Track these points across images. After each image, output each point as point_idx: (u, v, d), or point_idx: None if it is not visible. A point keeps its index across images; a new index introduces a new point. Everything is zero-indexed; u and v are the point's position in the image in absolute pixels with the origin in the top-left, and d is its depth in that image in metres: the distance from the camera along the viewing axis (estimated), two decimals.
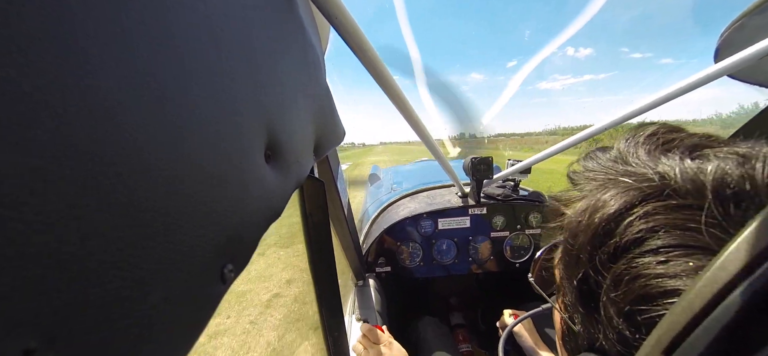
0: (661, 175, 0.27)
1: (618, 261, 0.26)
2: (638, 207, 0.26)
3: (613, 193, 0.28)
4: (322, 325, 0.86)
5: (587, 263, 0.29)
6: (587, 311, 0.30)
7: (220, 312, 2.80)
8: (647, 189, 0.27)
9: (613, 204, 0.28)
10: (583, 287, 0.30)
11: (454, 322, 1.53)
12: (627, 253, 0.26)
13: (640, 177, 0.28)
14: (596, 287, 0.28)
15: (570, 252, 0.31)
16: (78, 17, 0.14)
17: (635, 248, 0.25)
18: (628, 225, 0.26)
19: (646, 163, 0.29)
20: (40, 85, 0.12)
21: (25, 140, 0.12)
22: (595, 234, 0.28)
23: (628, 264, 0.25)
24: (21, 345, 0.12)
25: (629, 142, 0.32)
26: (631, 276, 0.25)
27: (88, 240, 0.14)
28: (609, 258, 0.27)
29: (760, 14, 0.58)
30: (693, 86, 0.67)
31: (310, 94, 0.46)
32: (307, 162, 0.44)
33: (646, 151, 0.30)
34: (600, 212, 0.28)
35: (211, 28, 0.24)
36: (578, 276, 0.30)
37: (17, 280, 0.12)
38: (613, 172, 0.31)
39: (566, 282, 0.33)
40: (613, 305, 0.26)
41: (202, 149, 0.22)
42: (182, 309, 0.20)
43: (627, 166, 0.30)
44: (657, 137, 0.31)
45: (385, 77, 0.59)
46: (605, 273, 0.27)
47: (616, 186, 0.29)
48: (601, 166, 0.33)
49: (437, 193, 1.55)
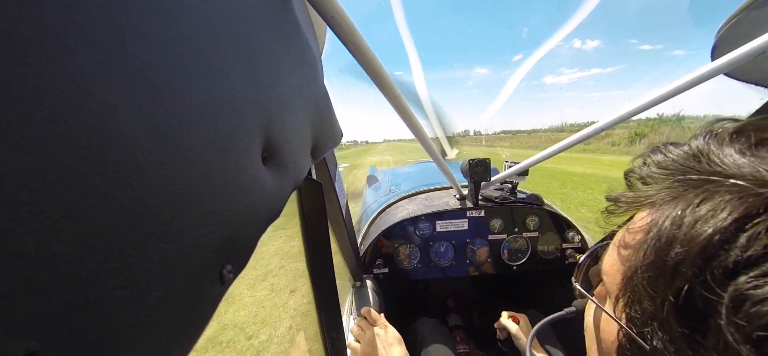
0: None
1: (739, 278, 0.23)
2: (762, 216, 0.23)
3: (723, 200, 0.25)
4: (320, 326, 0.86)
5: (693, 278, 0.26)
6: (685, 331, 0.26)
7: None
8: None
9: (728, 213, 0.25)
10: (684, 303, 0.26)
11: (451, 324, 1.53)
12: (752, 269, 0.23)
13: (755, 181, 0.25)
14: (705, 306, 0.25)
15: (662, 263, 0.28)
16: (76, 18, 0.14)
17: (762, 265, 0.23)
18: (752, 237, 0.23)
19: (756, 165, 0.26)
20: (38, 85, 0.12)
21: (25, 141, 0.12)
22: (706, 245, 0.25)
23: (754, 282, 0.22)
24: (22, 345, 0.12)
25: (709, 139, 0.29)
26: (758, 296, 0.22)
27: (87, 240, 0.14)
28: (726, 274, 0.24)
29: (756, 9, 0.58)
30: (689, 85, 0.67)
31: (308, 95, 0.46)
32: (305, 163, 0.44)
33: (738, 151, 0.27)
34: (711, 220, 0.25)
35: (208, 29, 0.24)
36: (678, 290, 0.27)
37: (18, 281, 0.12)
38: (698, 171, 0.28)
39: (648, 293, 0.29)
40: (736, 328, 0.23)
41: (200, 150, 0.22)
42: (181, 309, 0.20)
43: (714, 165, 0.27)
44: (748, 134, 0.28)
45: (382, 77, 0.59)
46: (722, 290, 0.24)
47: (719, 191, 0.26)
48: (677, 163, 0.30)
49: (435, 195, 1.55)
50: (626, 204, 0.33)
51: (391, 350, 0.87)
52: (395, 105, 0.67)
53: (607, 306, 0.36)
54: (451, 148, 2.09)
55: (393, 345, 0.88)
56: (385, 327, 0.92)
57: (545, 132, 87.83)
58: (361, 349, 0.90)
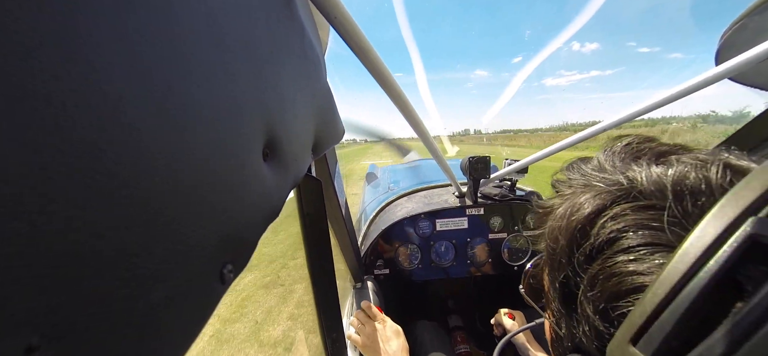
0: (630, 179, 0.28)
1: (594, 262, 0.28)
2: (609, 209, 0.28)
3: (588, 197, 0.30)
4: (320, 327, 0.86)
5: (567, 265, 0.30)
6: (568, 311, 0.31)
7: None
8: (617, 192, 0.28)
9: (588, 207, 0.29)
10: (565, 289, 0.31)
11: (452, 324, 1.53)
12: (601, 254, 0.27)
13: (611, 181, 0.30)
14: (575, 288, 0.30)
15: (553, 256, 0.33)
16: (82, 16, 0.14)
17: (608, 248, 0.27)
18: (601, 226, 0.28)
19: (618, 169, 0.31)
20: (43, 83, 0.12)
21: (29, 138, 0.12)
22: (572, 236, 0.30)
23: (602, 264, 0.27)
24: (23, 342, 0.12)
25: (607, 152, 0.34)
26: (605, 275, 0.27)
27: (90, 238, 0.14)
28: (585, 259, 0.29)
29: (760, 14, 0.58)
30: (694, 89, 0.67)
31: (310, 93, 0.46)
32: (305, 160, 0.44)
33: (620, 159, 0.32)
34: (576, 215, 0.30)
35: (212, 27, 0.23)
36: (560, 278, 0.32)
37: (20, 278, 0.12)
38: (590, 178, 0.32)
39: (550, 286, 0.34)
40: (590, 304, 0.28)
41: (202, 148, 0.21)
42: (182, 308, 0.20)
43: (604, 173, 0.32)
44: (631, 146, 0.33)
45: (384, 76, 0.59)
46: (582, 274, 0.29)
47: (590, 190, 0.31)
48: (582, 173, 0.34)
49: (434, 193, 1.55)
50: (543, 209, 0.37)
51: (390, 344, 0.89)
52: (398, 103, 0.67)
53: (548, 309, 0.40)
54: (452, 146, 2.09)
55: (391, 339, 0.89)
56: (383, 321, 0.93)
57: (545, 131, 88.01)
58: (361, 342, 0.91)
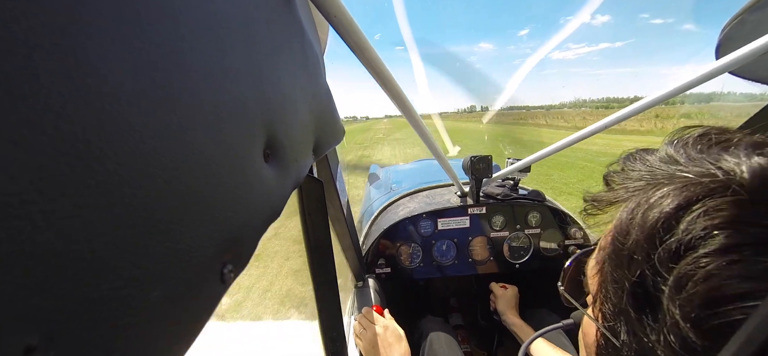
0: (726, 171, 0.25)
1: (681, 260, 0.25)
2: (700, 202, 0.25)
3: (671, 189, 0.27)
4: (321, 326, 0.86)
5: (644, 262, 0.27)
6: (641, 315, 0.28)
7: None
8: (711, 185, 0.25)
9: (673, 199, 0.26)
10: (638, 289, 0.28)
11: (453, 323, 1.53)
12: (692, 251, 0.24)
13: (700, 173, 0.26)
14: (654, 289, 0.26)
15: (620, 252, 0.30)
16: (83, 16, 0.14)
17: (701, 246, 0.24)
18: (692, 221, 0.25)
19: (704, 160, 0.27)
20: (44, 83, 0.12)
21: (30, 139, 0.12)
22: (653, 231, 0.27)
23: (694, 263, 0.24)
24: (22, 342, 0.12)
25: (677, 143, 0.31)
26: (699, 275, 0.23)
27: (90, 238, 0.14)
28: (670, 256, 0.25)
29: (760, 9, 0.58)
30: (694, 83, 0.67)
31: (310, 93, 0.46)
32: (306, 161, 0.44)
33: (698, 151, 0.29)
34: (657, 208, 0.27)
35: (212, 27, 0.23)
36: (632, 277, 0.28)
37: (20, 278, 0.12)
38: (664, 171, 0.29)
39: (612, 286, 0.31)
40: (678, 308, 0.24)
41: (203, 148, 0.21)
42: (182, 308, 0.20)
43: (678, 165, 0.29)
44: (709, 137, 0.30)
45: (384, 75, 0.59)
46: (666, 273, 0.25)
47: (671, 183, 0.28)
48: (648, 166, 0.31)
49: (436, 193, 1.55)
50: (600, 203, 0.35)
51: (392, 350, 0.87)
52: (398, 103, 0.67)
53: (590, 310, 0.37)
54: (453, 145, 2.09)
55: (393, 345, 0.88)
56: (385, 327, 0.92)
57: (561, 107, 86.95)
58: (363, 348, 0.90)
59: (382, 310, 1.00)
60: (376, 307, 1.00)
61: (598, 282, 0.34)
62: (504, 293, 1.21)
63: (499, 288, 1.24)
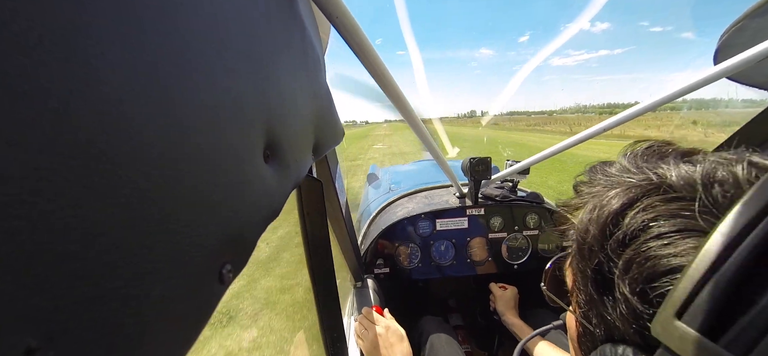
0: (659, 175, 0.32)
1: (627, 248, 0.30)
2: (640, 201, 0.31)
3: (618, 191, 0.33)
4: (321, 326, 0.86)
5: (599, 252, 0.33)
6: (601, 297, 0.33)
7: None
8: (648, 187, 0.32)
9: (619, 199, 0.32)
10: (598, 275, 0.33)
11: (453, 323, 1.53)
12: (635, 240, 0.30)
13: (641, 178, 0.33)
14: (609, 273, 0.32)
15: (582, 247, 0.35)
16: (82, 15, 0.14)
17: (642, 235, 0.30)
18: (634, 216, 0.31)
19: (645, 168, 0.34)
20: (43, 83, 0.12)
21: (29, 138, 0.12)
22: (604, 225, 0.33)
23: (637, 249, 0.29)
24: (22, 343, 0.12)
25: (629, 155, 0.37)
26: (641, 258, 0.29)
27: (89, 238, 0.14)
28: (619, 245, 0.31)
29: (760, 16, 0.59)
30: (693, 88, 0.67)
31: (310, 94, 0.46)
32: (306, 162, 0.44)
33: (644, 160, 0.35)
34: (607, 207, 0.33)
35: (212, 27, 0.23)
36: (592, 265, 0.34)
37: (20, 278, 0.12)
38: (617, 178, 0.35)
39: (580, 276, 0.36)
40: (627, 285, 0.30)
41: (202, 148, 0.22)
42: (181, 308, 0.20)
43: (629, 173, 0.35)
44: (653, 149, 0.36)
45: (385, 77, 0.59)
46: (616, 259, 0.31)
47: (619, 186, 0.34)
48: (607, 175, 0.37)
49: (435, 194, 1.55)
50: (569, 208, 0.40)
51: (393, 350, 0.88)
52: (398, 105, 0.67)
53: (573, 306, 0.42)
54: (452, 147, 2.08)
55: (394, 345, 0.89)
56: (386, 327, 0.93)
57: (562, 112, 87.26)
58: (365, 348, 0.91)
59: (381, 310, 1.00)
60: (376, 307, 1.00)
61: (572, 277, 0.40)
62: (503, 293, 1.21)
63: (498, 288, 1.24)
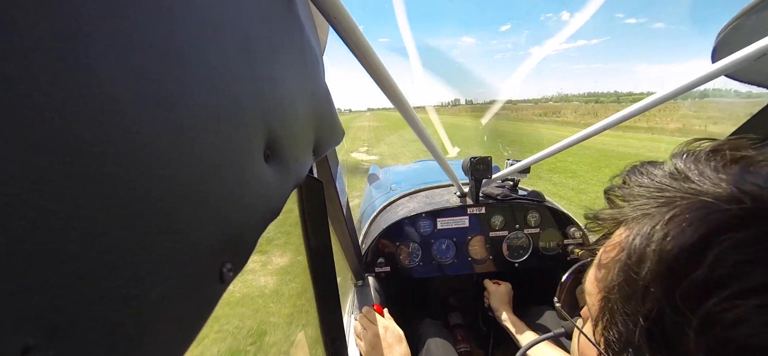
0: (753, 198, 0.23)
1: (709, 299, 0.22)
2: (728, 233, 0.22)
3: (692, 216, 0.24)
4: (321, 325, 0.86)
5: (662, 297, 0.25)
6: (657, 353, 0.25)
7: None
8: (739, 213, 0.23)
9: (696, 229, 0.24)
10: (655, 327, 0.25)
11: (452, 322, 1.53)
12: (721, 290, 0.22)
13: (722, 197, 0.24)
14: (674, 328, 0.24)
15: (633, 283, 0.27)
16: (80, 18, 0.14)
17: (731, 285, 0.22)
18: (719, 256, 0.22)
19: (723, 181, 0.25)
20: (43, 85, 0.12)
21: (29, 139, 0.12)
22: (673, 263, 0.24)
23: (724, 304, 0.22)
24: (20, 342, 0.12)
25: (687, 158, 0.29)
26: (728, 320, 0.21)
27: (89, 238, 0.14)
28: (694, 294, 0.23)
29: (756, 14, 0.59)
30: (691, 86, 0.67)
31: (309, 94, 0.46)
32: (306, 162, 0.44)
33: (713, 168, 0.27)
34: (678, 237, 0.24)
35: (211, 28, 0.24)
36: (647, 312, 0.26)
37: (18, 278, 0.12)
38: (674, 189, 0.27)
39: (622, 316, 0.28)
40: (704, 352, 0.22)
41: (202, 149, 0.22)
42: (181, 307, 0.20)
43: (690, 183, 0.26)
44: (724, 153, 0.27)
45: (383, 76, 0.59)
46: (689, 313, 0.23)
47: (689, 207, 0.25)
48: (656, 182, 0.29)
49: (436, 193, 1.55)
50: (604, 221, 0.32)
51: (392, 350, 0.87)
52: (397, 105, 0.67)
53: (588, 328, 0.35)
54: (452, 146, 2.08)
55: (393, 346, 0.88)
56: (385, 327, 0.92)
57: (547, 101, 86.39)
58: (364, 349, 0.90)
59: (381, 309, 1.00)
60: (376, 306, 1.00)
61: (600, 305, 0.31)
62: (497, 289, 1.21)
63: (492, 284, 1.24)
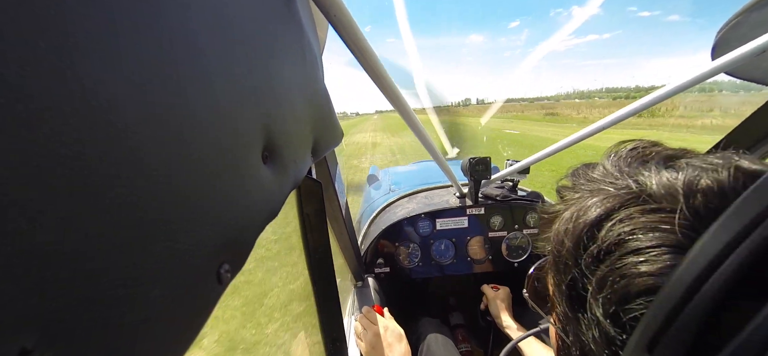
0: (639, 183, 0.29)
1: (602, 264, 0.28)
2: (617, 212, 0.28)
3: (595, 201, 0.30)
4: (321, 327, 0.86)
5: (573, 267, 0.30)
6: (575, 315, 0.31)
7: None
8: (626, 196, 0.28)
9: (595, 210, 0.30)
10: (572, 292, 0.31)
11: (453, 322, 1.53)
12: (610, 255, 0.27)
13: (620, 185, 0.30)
14: (583, 290, 0.29)
15: (558, 259, 0.33)
16: (77, 19, 0.14)
17: (617, 250, 0.27)
18: (609, 229, 0.28)
19: (626, 174, 0.31)
20: (40, 86, 0.12)
21: (28, 140, 0.12)
22: (579, 238, 0.30)
23: (611, 265, 0.27)
24: (18, 344, 0.12)
25: (613, 157, 0.34)
26: (614, 277, 0.26)
27: (87, 239, 0.14)
28: (593, 260, 0.28)
29: (757, 10, 0.59)
30: (691, 83, 0.67)
31: (308, 95, 0.46)
32: (305, 163, 0.44)
33: (627, 164, 0.32)
34: (583, 218, 0.30)
35: (208, 28, 0.23)
36: (567, 280, 0.31)
37: (18, 280, 0.12)
38: (597, 185, 0.32)
39: (556, 290, 0.34)
40: (600, 306, 0.27)
41: (200, 150, 0.22)
42: (179, 309, 0.20)
43: (611, 178, 0.32)
44: (638, 151, 0.33)
45: (383, 77, 0.59)
46: (590, 275, 0.28)
47: (598, 194, 0.31)
48: (588, 179, 0.34)
49: (435, 194, 1.55)
50: (549, 215, 0.37)
51: (392, 350, 0.88)
52: (396, 106, 0.67)
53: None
54: (452, 146, 2.09)
55: (394, 345, 0.89)
56: (385, 327, 0.93)
57: (552, 98, 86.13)
58: (364, 349, 0.91)
59: (381, 310, 1.00)
60: (376, 307, 1.00)
61: (551, 287, 0.37)
62: (495, 295, 1.20)
63: (490, 289, 1.23)
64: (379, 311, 0.99)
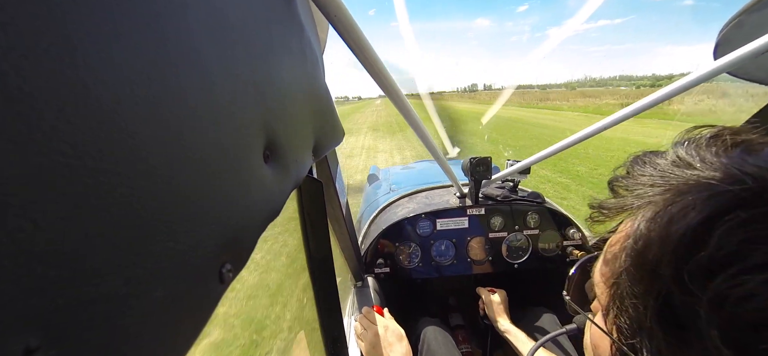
0: (755, 178, 0.23)
1: (716, 278, 0.23)
2: (732, 213, 0.23)
3: (696, 198, 0.25)
4: (321, 326, 0.86)
5: (671, 278, 0.25)
6: (669, 336, 0.26)
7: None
8: (742, 194, 0.23)
9: (700, 211, 0.24)
10: (665, 308, 0.26)
11: (453, 323, 1.53)
12: (728, 268, 0.22)
13: (725, 180, 0.24)
14: (684, 308, 0.25)
15: (641, 267, 0.28)
16: (77, 18, 0.14)
17: (738, 262, 0.22)
18: (724, 234, 0.23)
19: (725, 164, 0.25)
20: (40, 85, 0.12)
21: (27, 140, 0.12)
22: (679, 244, 0.25)
23: (731, 281, 0.22)
24: (22, 343, 0.12)
25: (689, 145, 0.29)
26: (737, 296, 0.22)
27: (88, 239, 0.14)
28: (702, 273, 0.23)
29: (758, 11, 0.58)
30: (692, 84, 0.67)
31: (309, 94, 0.46)
32: (306, 162, 0.44)
33: (714, 153, 0.27)
34: (682, 220, 0.25)
35: (210, 27, 0.23)
36: (657, 293, 0.26)
37: (20, 279, 0.12)
38: (678, 176, 0.28)
39: (631, 301, 0.29)
40: (719, 331, 0.22)
41: (201, 149, 0.22)
42: (181, 308, 0.20)
43: (692, 169, 0.27)
44: (724, 138, 0.28)
45: (384, 75, 0.59)
46: (699, 292, 0.23)
47: (693, 191, 0.25)
48: (660, 170, 0.29)
49: (436, 194, 1.55)
50: (609, 210, 0.33)
51: (392, 349, 0.88)
52: (398, 105, 0.67)
53: (599, 319, 0.35)
54: (453, 146, 2.08)
55: (394, 345, 0.89)
56: (385, 327, 0.93)
57: (558, 87, 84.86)
58: (364, 349, 0.91)
59: (381, 310, 1.00)
60: (376, 307, 1.00)
61: (610, 293, 0.32)
62: (493, 298, 1.19)
63: (487, 292, 1.22)
64: (379, 311, 0.99)
